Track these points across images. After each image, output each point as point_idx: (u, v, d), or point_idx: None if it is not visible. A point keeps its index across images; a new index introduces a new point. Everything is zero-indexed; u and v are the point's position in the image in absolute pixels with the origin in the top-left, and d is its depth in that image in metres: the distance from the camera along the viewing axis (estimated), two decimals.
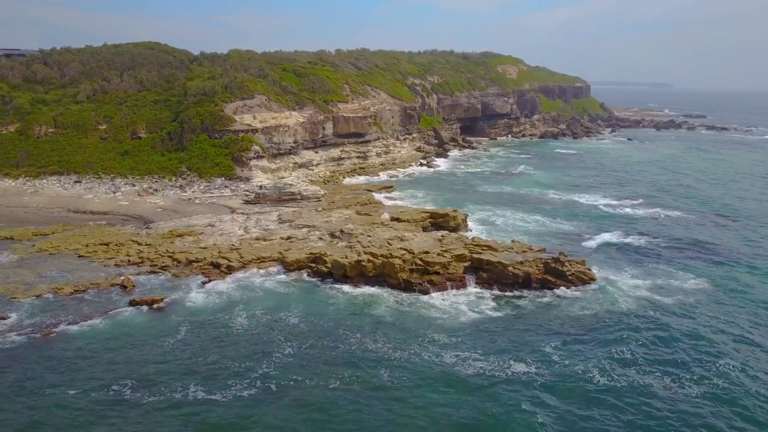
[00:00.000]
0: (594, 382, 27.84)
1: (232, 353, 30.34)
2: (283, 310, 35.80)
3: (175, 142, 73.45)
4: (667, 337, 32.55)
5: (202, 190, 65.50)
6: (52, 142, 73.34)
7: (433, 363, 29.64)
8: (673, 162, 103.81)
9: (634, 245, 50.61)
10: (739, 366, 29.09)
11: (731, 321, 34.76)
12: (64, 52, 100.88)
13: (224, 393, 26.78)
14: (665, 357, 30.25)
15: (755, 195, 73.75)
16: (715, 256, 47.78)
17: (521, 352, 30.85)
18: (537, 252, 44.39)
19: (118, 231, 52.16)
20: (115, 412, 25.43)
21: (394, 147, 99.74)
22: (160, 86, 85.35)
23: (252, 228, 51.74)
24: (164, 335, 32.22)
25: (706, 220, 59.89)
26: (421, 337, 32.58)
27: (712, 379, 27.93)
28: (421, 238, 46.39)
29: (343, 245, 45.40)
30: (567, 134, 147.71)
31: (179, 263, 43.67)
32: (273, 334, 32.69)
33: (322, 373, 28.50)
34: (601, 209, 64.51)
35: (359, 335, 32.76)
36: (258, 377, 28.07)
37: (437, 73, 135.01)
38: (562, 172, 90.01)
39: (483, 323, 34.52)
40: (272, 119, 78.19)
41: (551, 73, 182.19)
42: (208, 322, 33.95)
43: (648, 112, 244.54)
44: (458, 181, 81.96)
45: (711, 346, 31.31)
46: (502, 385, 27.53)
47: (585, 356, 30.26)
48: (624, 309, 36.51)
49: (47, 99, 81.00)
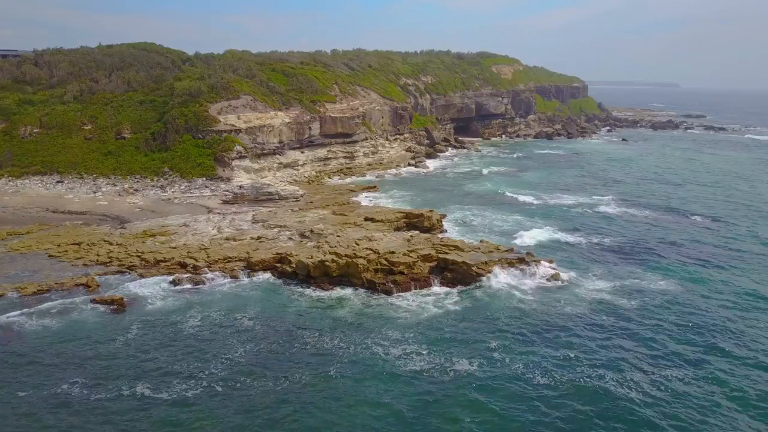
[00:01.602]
0: (533, 382, 27.68)
1: (183, 353, 30.42)
2: (241, 311, 35.83)
3: (159, 142, 73.72)
4: (620, 339, 32.36)
5: (182, 190, 65.72)
6: (37, 142, 73.73)
7: (380, 360, 29.76)
8: (661, 162, 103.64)
9: (608, 245, 50.46)
10: (687, 372, 28.76)
11: (690, 324, 34.47)
12: (56, 52, 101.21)
13: (170, 392, 26.86)
14: (612, 359, 29.99)
15: (738, 196, 73.33)
16: (687, 256, 47.60)
17: (466, 349, 30.91)
18: (504, 252, 44.32)
19: (92, 231, 52.39)
20: (60, 409, 25.54)
21: (383, 147, 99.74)
22: (148, 87, 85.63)
23: (225, 228, 51.86)
24: (118, 334, 32.33)
25: (683, 220, 59.69)
26: (376, 335, 32.62)
27: (654, 383, 27.60)
28: (390, 239, 46.34)
29: (312, 245, 45.45)
30: (562, 134, 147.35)
31: (147, 263, 43.82)
32: (227, 335, 32.73)
33: (270, 373, 28.56)
34: (579, 209, 64.36)
35: (316, 334, 32.85)
36: (205, 377, 28.14)
37: (431, 73, 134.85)
38: (548, 172, 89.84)
39: (438, 322, 34.44)
40: (257, 119, 78.32)
41: (549, 73, 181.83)
42: (163, 323, 34.04)
43: (648, 112, 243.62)
44: (444, 182, 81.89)
45: (662, 350, 31.07)
46: (442, 383, 27.54)
47: (530, 356, 30.20)
48: (582, 310, 36.41)
49: (34, 99, 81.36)
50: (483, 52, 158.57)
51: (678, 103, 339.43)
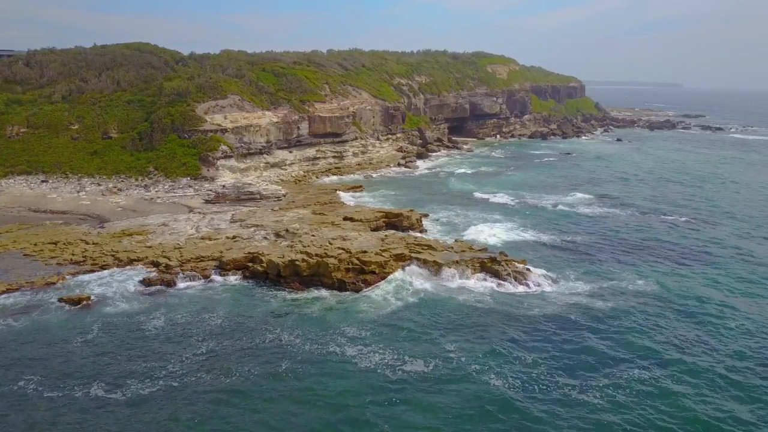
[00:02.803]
0: (489, 384, 27.45)
1: (143, 352, 30.40)
2: (207, 311, 35.77)
3: (145, 142, 73.83)
4: (584, 342, 31.88)
5: (166, 189, 65.78)
6: (23, 142, 73.91)
7: (335, 357, 29.84)
8: (649, 162, 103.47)
9: (584, 245, 50.23)
10: (648, 376, 28.34)
11: (661, 328, 34.03)
12: (48, 52, 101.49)
13: (124, 391, 26.86)
14: (573, 363, 29.62)
15: (725, 197, 73.05)
16: (664, 257, 47.36)
17: (420, 348, 30.83)
18: (477, 251, 44.20)
19: (71, 230, 52.44)
20: (13, 408, 25.57)
21: (373, 147, 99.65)
22: (137, 87, 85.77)
23: (204, 227, 51.87)
24: (79, 333, 32.34)
25: (663, 220, 59.42)
26: (335, 332, 32.64)
27: (615, 390, 27.17)
28: (364, 238, 46.28)
29: (286, 245, 45.40)
30: (557, 134, 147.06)
31: (120, 262, 43.86)
32: (190, 334, 32.69)
33: (227, 370, 28.59)
34: (559, 209, 64.19)
35: (277, 332, 32.84)
36: (162, 376, 28.13)
37: (425, 73, 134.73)
38: (535, 172, 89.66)
39: (402, 321, 34.35)
40: (243, 119, 78.37)
41: (546, 73, 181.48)
42: (127, 322, 34.00)
43: (648, 112, 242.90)
44: (431, 182, 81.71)
45: (628, 354, 30.57)
46: (395, 382, 27.47)
47: (486, 357, 29.98)
48: (550, 310, 36.21)
49: (23, 99, 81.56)
50: (479, 52, 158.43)
51: (679, 103, 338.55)
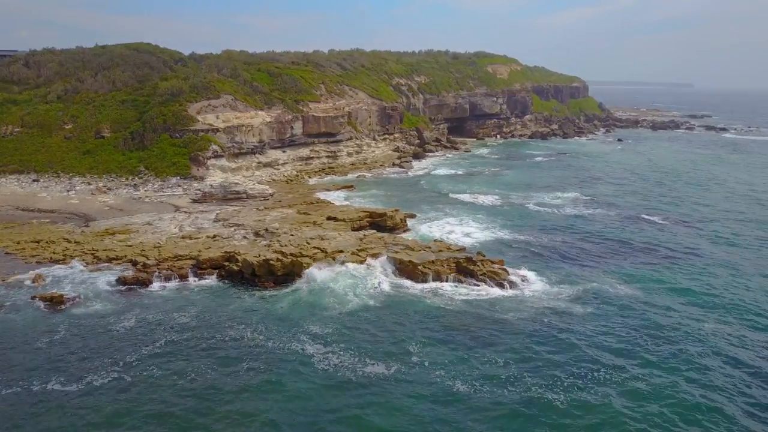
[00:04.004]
0: (452, 388, 27.23)
1: (105, 348, 30.50)
2: (178, 309, 35.76)
3: (137, 141, 74.22)
4: (554, 344, 31.56)
5: (155, 189, 66.08)
6: (17, 141, 74.57)
7: (296, 355, 29.82)
8: (645, 161, 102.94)
9: (569, 245, 49.91)
10: (617, 379, 27.95)
11: (633, 330, 33.66)
12: (46, 53, 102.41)
13: (80, 386, 27.05)
14: (541, 365, 29.24)
15: (714, 199, 72.37)
16: (646, 259, 46.97)
17: (384, 350, 30.66)
18: (455, 252, 44.01)
19: (56, 229, 52.79)
20: None
21: (368, 147, 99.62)
22: (132, 86, 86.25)
23: (187, 227, 52.03)
24: (46, 331, 32.49)
25: (650, 222, 58.97)
26: (297, 331, 32.69)
27: (580, 391, 26.85)
28: (343, 238, 46.26)
29: (264, 244, 45.44)
30: (558, 134, 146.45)
31: (99, 260, 44.07)
32: (154, 331, 32.72)
33: (184, 367, 28.71)
34: (546, 210, 63.88)
35: (242, 330, 32.84)
36: (119, 370, 28.33)
37: (425, 73, 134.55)
38: (529, 173, 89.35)
39: (367, 320, 34.26)
40: (236, 119, 78.59)
41: (548, 73, 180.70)
42: (96, 320, 34.08)
43: (654, 112, 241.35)
44: (424, 182, 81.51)
45: (597, 356, 30.20)
46: (349, 381, 27.43)
47: (452, 360, 29.73)
48: (524, 313, 35.78)
49: (18, 99, 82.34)
50: (479, 52, 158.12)
51: (688, 103, 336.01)
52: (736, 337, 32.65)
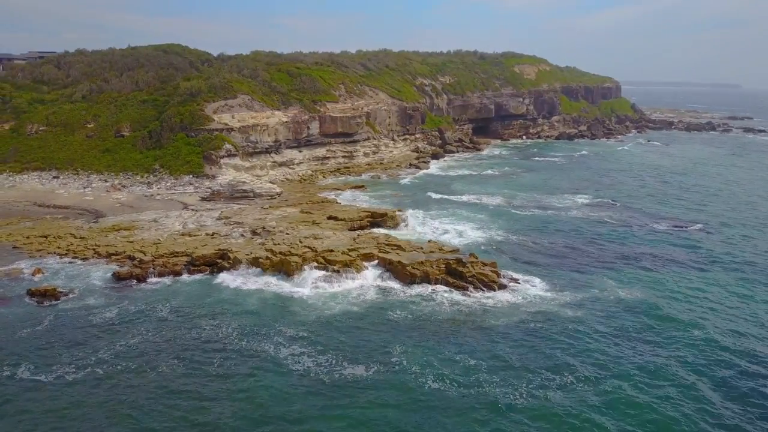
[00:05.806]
0: (424, 388, 27.08)
1: (82, 341, 31.38)
2: (163, 304, 36.52)
3: (154, 140, 75.92)
4: (538, 349, 31.03)
5: (167, 187, 67.46)
6: (41, 139, 77.11)
7: (269, 354, 30.00)
8: (670, 164, 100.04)
9: (569, 248, 49.01)
10: (605, 387, 27.33)
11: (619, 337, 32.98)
12: (77, 54, 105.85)
13: (49, 375, 28.03)
14: (515, 369, 28.82)
15: (731, 203, 69.93)
16: (653, 267, 45.72)
17: (363, 350, 30.62)
18: (447, 253, 43.69)
19: (67, 224, 54.43)
20: None
21: (386, 147, 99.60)
22: (154, 86, 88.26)
23: (190, 224, 52.99)
24: (31, 322, 33.60)
25: (661, 225, 57.39)
26: (270, 330, 32.96)
27: (546, 400, 26.38)
28: (337, 237, 46.43)
29: (259, 242, 45.96)
30: (586, 136, 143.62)
31: (99, 256, 45.27)
32: (134, 324, 33.54)
33: (157, 361, 29.34)
34: (553, 212, 62.81)
35: (220, 326, 33.38)
36: (91, 363, 29.09)
37: (449, 73, 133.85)
38: (545, 174, 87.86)
39: (345, 320, 34.30)
40: (251, 118, 79.63)
41: (579, 73, 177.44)
42: (82, 314, 35.07)
43: (691, 113, 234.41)
44: (437, 183, 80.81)
45: (582, 361, 29.58)
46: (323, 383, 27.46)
47: (427, 360, 29.51)
48: (513, 317, 35.24)
49: (46, 99, 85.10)
50: (507, 52, 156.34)
51: (731, 104, 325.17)
52: (740, 351, 31.38)
